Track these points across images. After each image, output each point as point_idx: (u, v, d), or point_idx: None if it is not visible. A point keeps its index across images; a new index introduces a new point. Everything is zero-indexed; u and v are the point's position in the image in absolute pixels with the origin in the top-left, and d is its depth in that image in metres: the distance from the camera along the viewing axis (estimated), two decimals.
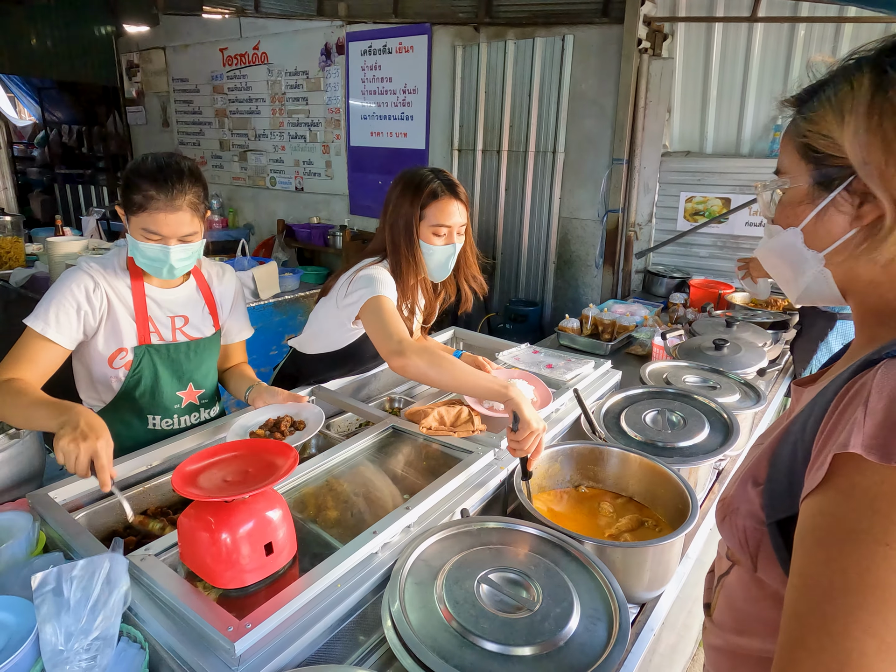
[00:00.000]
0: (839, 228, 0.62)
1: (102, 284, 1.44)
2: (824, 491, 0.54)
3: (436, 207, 1.59)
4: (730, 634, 0.73)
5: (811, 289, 0.69)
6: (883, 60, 0.57)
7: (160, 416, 1.57)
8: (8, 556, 1.01)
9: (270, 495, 1.02)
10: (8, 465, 1.35)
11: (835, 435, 0.55)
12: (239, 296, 1.73)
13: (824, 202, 0.62)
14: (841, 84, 0.60)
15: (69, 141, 9.23)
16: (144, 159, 1.42)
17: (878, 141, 0.56)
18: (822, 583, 0.52)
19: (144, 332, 1.49)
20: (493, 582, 0.97)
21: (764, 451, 0.68)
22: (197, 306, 1.61)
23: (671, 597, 1.21)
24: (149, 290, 1.51)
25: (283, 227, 5.55)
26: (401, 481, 1.36)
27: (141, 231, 1.39)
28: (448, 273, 1.70)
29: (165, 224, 1.39)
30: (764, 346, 2.24)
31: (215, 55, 5.96)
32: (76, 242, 3.68)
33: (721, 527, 0.73)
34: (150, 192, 1.36)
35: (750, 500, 0.66)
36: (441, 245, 1.63)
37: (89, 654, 0.84)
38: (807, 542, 0.55)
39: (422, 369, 1.36)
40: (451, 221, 1.61)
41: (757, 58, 3.47)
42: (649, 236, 3.97)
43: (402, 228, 1.61)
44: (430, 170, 1.64)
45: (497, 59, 4.19)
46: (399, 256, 1.63)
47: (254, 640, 0.84)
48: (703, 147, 3.80)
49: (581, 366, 1.89)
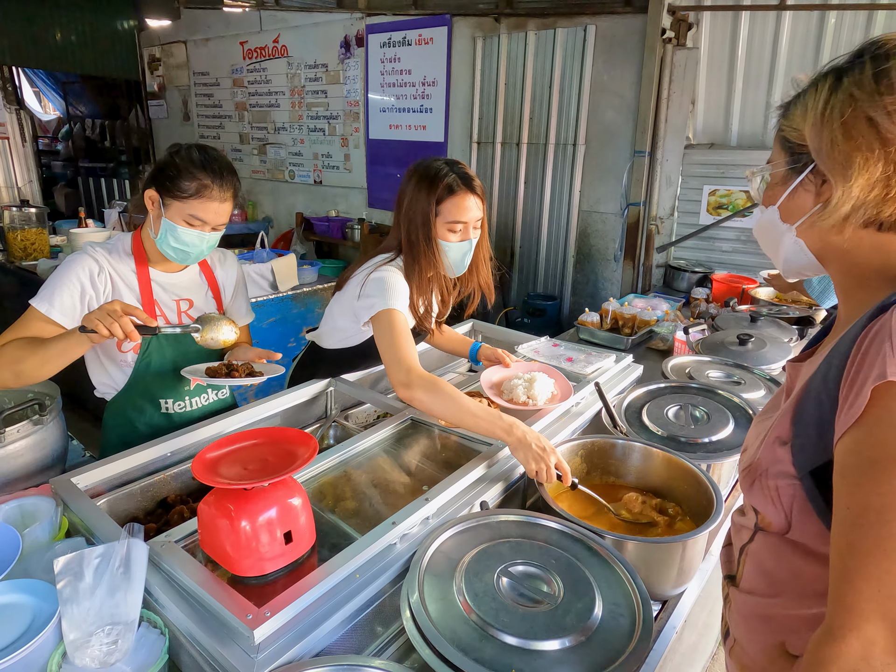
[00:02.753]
0: (806, 204, 0.73)
1: (107, 268, 1.45)
2: (863, 424, 0.57)
3: (451, 203, 1.54)
4: (763, 598, 0.76)
5: (791, 259, 0.78)
6: (844, 67, 0.67)
7: (172, 400, 1.59)
8: (31, 540, 1.02)
9: (290, 484, 1.01)
10: (32, 450, 1.37)
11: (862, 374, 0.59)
12: (241, 281, 1.74)
13: (794, 183, 0.73)
14: (810, 87, 0.71)
15: (92, 135, 9.35)
16: (189, 148, 1.44)
17: (827, 132, 0.67)
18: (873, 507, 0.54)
19: (151, 314, 1.50)
20: (513, 575, 0.96)
21: (784, 413, 0.73)
22: (200, 290, 1.62)
23: (693, 594, 1.18)
24: (153, 274, 1.52)
25: (302, 220, 5.57)
26: (419, 473, 1.35)
27: (187, 216, 1.41)
28: (465, 268, 1.66)
29: (215, 212, 1.43)
30: (789, 341, 2.19)
31: (235, 48, 5.99)
32: (99, 234, 3.73)
33: (750, 493, 0.76)
34: (205, 180, 1.40)
35: (779, 459, 0.71)
36: (457, 242, 1.59)
37: (110, 639, 0.84)
38: (850, 475, 0.58)
39: (426, 404, 1.36)
40: (468, 217, 1.57)
41: (785, 47, 3.38)
42: (671, 230, 3.91)
43: (419, 225, 1.58)
44: (445, 162, 1.58)
45: (517, 51, 4.15)
46: (416, 254, 1.59)
47: (273, 628, 0.84)
48: (728, 139, 3.72)
49: (602, 359, 1.86)
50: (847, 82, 0.66)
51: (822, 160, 0.69)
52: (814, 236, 0.74)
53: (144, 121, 7.63)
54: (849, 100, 0.65)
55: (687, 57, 3.54)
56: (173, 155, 1.44)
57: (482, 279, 1.76)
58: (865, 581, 0.52)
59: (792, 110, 0.74)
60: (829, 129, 0.66)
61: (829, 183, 0.69)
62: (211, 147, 1.48)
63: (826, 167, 0.68)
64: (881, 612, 0.52)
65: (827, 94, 0.67)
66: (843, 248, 0.71)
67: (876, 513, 0.53)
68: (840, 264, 0.75)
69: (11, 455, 1.33)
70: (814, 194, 0.72)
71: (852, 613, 0.53)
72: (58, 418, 1.49)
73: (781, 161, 0.76)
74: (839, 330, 0.76)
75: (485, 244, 1.71)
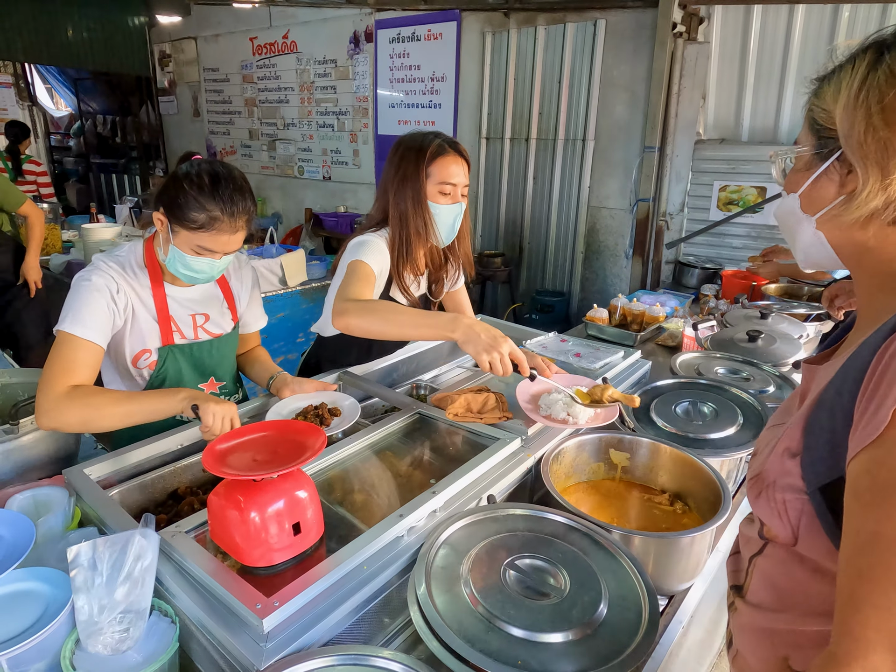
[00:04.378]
0: (829, 195, 0.66)
1: (124, 287, 1.40)
2: (881, 445, 0.54)
3: (441, 164, 1.57)
4: (769, 613, 0.72)
5: (810, 252, 0.73)
6: (889, 41, 0.60)
7: None
8: (45, 530, 1.04)
9: (299, 476, 1.02)
10: (45, 442, 1.39)
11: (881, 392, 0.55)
12: (255, 287, 1.71)
13: (818, 171, 0.67)
14: (846, 63, 0.63)
15: (104, 131, 9.42)
16: (199, 170, 1.33)
17: (861, 115, 0.59)
18: (886, 534, 0.51)
19: (167, 332, 1.47)
20: (519, 568, 0.96)
21: (795, 423, 0.68)
22: (216, 302, 1.59)
23: (700, 590, 1.18)
24: (168, 289, 1.48)
25: (311, 215, 5.58)
26: (427, 467, 1.36)
27: (195, 246, 1.35)
28: (455, 235, 1.68)
29: (226, 244, 1.36)
30: (800, 338, 2.18)
31: (245, 44, 6.01)
32: (110, 229, 3.76)
33: (756, 503, 0.72)
34: (214, 212, 1.30)
35: (788, 471, 0.66)
36: (448, 204, 1.60)
37: (122, 626, 0.86)
38: (864, 498, 0.54)
39: (362, 325, 1.32)
40: (457, 180, 1.59)
41: (797, 41, 3.35)
42: (681, 226, 3.89)
43: (408, 192, 1.58)
44: (430, 131, 1.62)
45: (527, 46, 4.13)
46: (407, 222, 1.60)
47: (281, 617, 0.84)
48: (739, 134, 3.69)
49: (610, 355, 1.86)
50: (891, 58, 0.58)
51: (850, 147, 0.62)
52: (835, 230, 0.68)
53: (155, 117, 7.67)
54: (892, 79, 0.57)
55: (698, 51, 3.52)
56: (182, 180, 1.32)
57: (464, 249, 1.78)
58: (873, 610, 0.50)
59: (824, 87, 0.65)
60: (865, 113, 0.59)
61: (854, 173, 0.62)
62: (224, 166, 1.36)
63: (854, 156, 0.61)
64: (888, 644, 0.50)
65: (865, 71, 0.59)
66: (867, 245, 0.66)
67: (888, 540, 0.51)
68: (862, 262, 0.69)
69: (25, 446, 1.35)
70: (837, 184, 0.65)
71: (859, 643, 0.51)
72: None
73: (807, 144, 0.69)
74: (859, 334, 0.70)
75: (467, 216, 1.73)
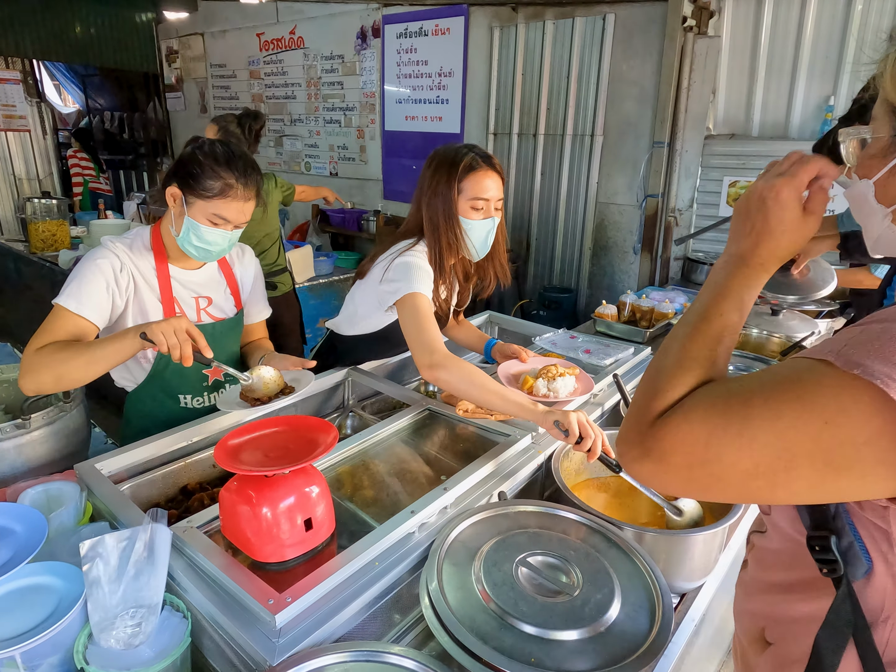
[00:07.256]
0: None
1: (128, 265, 1.43)
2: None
3: (473, 180, 1.56)
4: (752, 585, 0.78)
5: (881, 241, 0.67)
6: None
7: (191, 395, 1.58)
8: (57, 524, 1.04)
9: (310, 472, 1.02)
10: (56, 437, 1.39)
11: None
12: (259, 276, 1.73)
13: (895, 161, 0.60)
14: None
15: (111, 127, 9.44)
16: (212, 144, 1.41)
17: None
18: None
19: (171, 312, 1.49)
20: (531, 565, 0.96)
21: None
22: (219, 287, 1.61)
23: (712, 588, 1.18)
24: (173, 271, 1.50)
25: (318, 212, 5.58)
26: (437, 463, 1.36)
27: (210, 215, 1.39)
28: (488, 249, 1.66)
29: (239, 212, 1.41)
30: (812, 334, 2.16)
31: (252, 40, 5.99)
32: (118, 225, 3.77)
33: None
34: (229, 179, 1.37)
35: None
36: (480, 220, 1.59)
37: (134, 621, 0.86)
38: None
39: (451, 384, 1.36)
40: (489, 195, 1.58)
41: (809, 35, 3.31)
42: (690, 222, 3.85)
43: (440, 206, 1.58)
44: (464, 145, 1.61)
45: (535, 40, 4.10)
46: (439, 236, 1.59)
47: (294, 613, 0.84)
48: (749, 129, 3.65)
49: (620, 351, 1.85)
50: None
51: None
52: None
53: (162, 113, 7.68)
54: None
55: (708, 45, 3.48)
56: (196, 151, 1.40)
57: (499, 261, 1.76)
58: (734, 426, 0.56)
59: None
60: None
61: None
62: (233, 142, 1.45)
63: None
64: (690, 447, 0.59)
65: None
66: None
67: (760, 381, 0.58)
68: None
69: (36, 441, 1.35)
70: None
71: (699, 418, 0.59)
72: (81, 406, 1.51)
73: (885, 127, 0.61)
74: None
75: (502, 227, 1.72)
